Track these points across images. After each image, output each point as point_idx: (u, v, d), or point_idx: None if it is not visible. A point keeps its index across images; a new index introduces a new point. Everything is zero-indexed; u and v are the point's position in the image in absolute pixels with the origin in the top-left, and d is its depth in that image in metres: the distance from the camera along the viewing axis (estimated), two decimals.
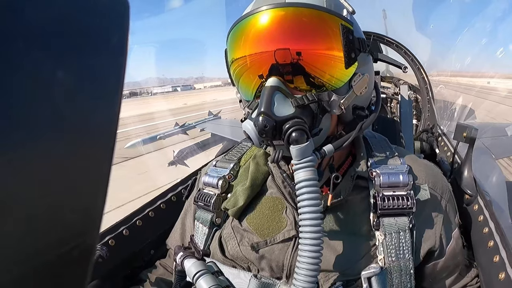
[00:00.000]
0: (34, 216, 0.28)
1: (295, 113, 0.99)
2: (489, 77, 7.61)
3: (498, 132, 4.78)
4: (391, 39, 3.71)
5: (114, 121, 0.33)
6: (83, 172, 0.31)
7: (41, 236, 0.29)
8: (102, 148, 0.33)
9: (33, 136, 0.27)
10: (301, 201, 0.94)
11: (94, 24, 0.31)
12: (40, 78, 0.27)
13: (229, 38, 1.12)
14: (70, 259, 0.32)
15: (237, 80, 1.15)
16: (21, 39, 0.26)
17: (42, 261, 0.30)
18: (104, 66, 0.32)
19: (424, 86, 3.60)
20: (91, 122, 0.31)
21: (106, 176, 0.33)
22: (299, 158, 0.95)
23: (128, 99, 66.62)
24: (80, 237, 0.32)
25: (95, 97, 0.31)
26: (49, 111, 0.28)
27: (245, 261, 1.17)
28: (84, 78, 0.30)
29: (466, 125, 1.57)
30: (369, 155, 1.22)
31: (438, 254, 1.15)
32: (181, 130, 9.52)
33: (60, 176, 0.30)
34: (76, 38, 0.30)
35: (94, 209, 0.33)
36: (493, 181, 2.20)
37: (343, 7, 1.11)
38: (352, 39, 1.05)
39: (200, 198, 1.33)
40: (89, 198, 0.33)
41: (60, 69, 0.28)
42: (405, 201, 1.07)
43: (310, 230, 0.93)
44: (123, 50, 0.33)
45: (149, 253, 1.64)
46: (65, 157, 0.30)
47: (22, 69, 0.26)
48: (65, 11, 0.29)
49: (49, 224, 0.30)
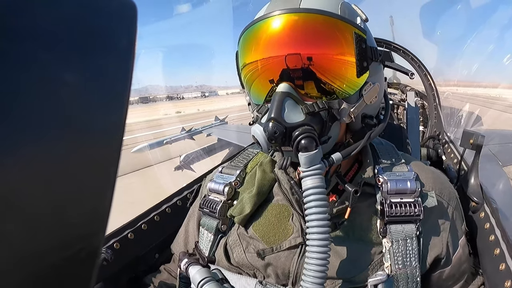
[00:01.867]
0: (39, 218, 0.28)
1: (305, 120, 0.99)
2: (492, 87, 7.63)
3: (505, 139, 4.75)
4: (398, 45, 3.70)
5: (121, 123, 0.33)
6: (90, 174, 0.31)
7: (47, 238, 0.29)
8: (108, 150, 0.33)
9: (40, 137, 0.27)
10: (309, 209, 0.94)
11: (102, 27, 0.31)
12: (48, 78, 0.27)
13: (241, 41, 1.12)
14: (76, 261, 0.32)
15: (248, 84, 1.15)
16: (30, 39, 0.26)
17: (47, 263, 0.30)
18: (112, 69, 0.32)
19: (431, 93, 3.59)
20: (98, 124, 0.31)
21: (112, 178, 0.33)
22: (308, 165, 0.95)
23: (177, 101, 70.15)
24: (86, 239, 0.32)
25: (102, 98, 0.31)
26: (56, 112, 0.28)
27: (251, 268, 1.16)
28: (92, 80, 0.30)
29: (473, 132, 1.57)
30: (376, 161, 1.21)
31: (444, 262, 1.14)
32: (187, 135, 9.51)
33: (66, 177, 0.30)
34: (84, 40, 0.30)
35: (100, 211, 0.33)
36: (499, 188, 2.18)
37: (357, 15, 1.10)
38: (365, 48, 1.04)
39: (206, 205, 1.32)
40: (95, 200, 0.32)
41: (68, 70, 0.28)
42: (413, 208, 1.06)
43: (318, 238, 0.92)
44: (131, 53, 0.33)
45: (153, 257, 1.64)
46: (71, 159, 0.30)
47: (30, 69, 0.26)
48: (74, 13, 0.29)
49: (55, 226, 0.30)
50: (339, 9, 1.05)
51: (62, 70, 0.28)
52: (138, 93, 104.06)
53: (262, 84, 1.09)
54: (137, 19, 0.33)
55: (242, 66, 1.13)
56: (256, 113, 1.12)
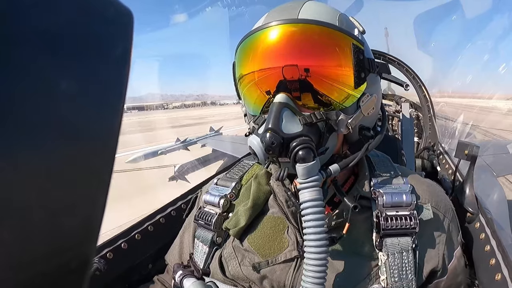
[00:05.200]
0: (31, 225, 0.28)
1: (302, 131, 0.98)
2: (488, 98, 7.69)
3: (499, 149, 4.79)
4: (393, 57, 3.75)
5: (116, 131, 0.33)
6: (83, 181, 0.31)
7: (38, 245, 0.29)
8: (102, 157, 0.33)
9: (34, 143, 0.27)
10: (306, 222, 0.93)
11: (98, 33, 0.31)
12: (43, 85, 0.27)
13: (238, 52, 1.12)
14: (67, 270, 0.31)
15: (244, 95, 1.14)
16: (26, 44, 0.26)
17: (38, 271, 0.29)
18: (108, 75, 0.32)
19: (426, 104, 3.62)
20: (93, 131, 0.31)
21: (106, 186, 0.33)
22: (305, 177, 0.94)
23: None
24: (78, 248, 0.32)
25: (97, 105, 0.31)
26: (50, 118, 0.28)
27: (246, 281, 1.15)
28: (87, 86, 0.30)
29: (467, 142, 1.58)
30: (372, 174, 1.21)
31: (440, 274, 1.13)
32: (182, 146, 9.51)
33: (59, 184, 0.29)
34: (81, 47, 0.30)
35: (93, 220, 0.32)
36: (494, 198, 2.19)
37: (354, 27, 1.11)
38: (363, 59, 1.04)
39: (201, 217, 1.31)
40: (88, 208, 0.32)
41: (63, 76, 0.28)
42: (408, 221, 1.06)
43: (315, 251, 0.92)
44: (127, 60, 0.33)
45: (147, 268, 1.63)
46: (64, 165, 0.29)
47: (24, 75, 0.26)
48: (70, 19, 0.29)
49: (47, 234, 0.29)
50: (337, 21, 1.06)
51: (57, 77, 0.28)
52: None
53: (259, 95, 1.08)
54: (134, 27, 0.33)
55: (239, 77, 1.13)
56: (253, 124, 1.11)
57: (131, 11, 0.33)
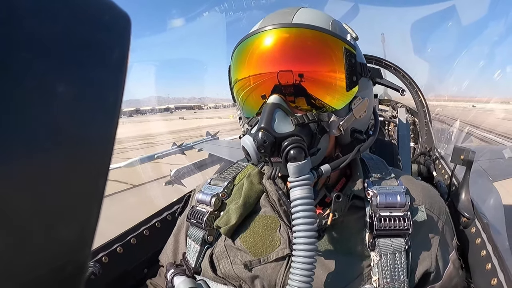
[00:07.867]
0: (26, 230, 0.28)
1: (294, 131, 1.00)
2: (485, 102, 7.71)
3: (495, 154, 4.79)
4: (389, 62, 3.76)
5: (111, 137, 0.33)
6: (78, 187, 0.31)
7: (33, 250, 0.29)
8: (98, 163, 0.32)
9: (29, 149, 0.27)
10: (296, 219, 0.94)
11: (95, 38, 0.31)
12: (40, 90, 0.27)
13: (234, 56, 1.14)
14: (62, 274, 0.31)
15: (240, 98, 1.16)
16: (24, 50, 0.26)
17: (33, 276, 0.29)
18: (104, 80, 0.32)
19: (422, 109, 3.63)
20: (88, 137, 0.31)
21: (100, 192, 0.33)
22: (296, 175, 0.96)
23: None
24: (73, 252, 0.32)
25: (93, 111, 0.31)
26: (47, 124, 0.28)
27: (237, 279, 1.16)
28: (83, 91, 0.30)
29: (463, 148, 1.58)
30: (366, 175, 1.22)
31: (434, 276, 1.13)
32: (178, 150, 9.46)
33: (54, 190, 0.29)
34: (78, 51, 0.30)
35: (88, 224, 0.32)
36: (490, 203, 2.19)
37: (347, 32, 1.13)
38: (355, 63, 1.07)
39: (193, 215, 1.32)
40: (83, 214, 0.32)
41: (60, 81, 0.28)
42: (402, 222, 1.07)
43: (304, 249, 0.93)
44: (124, 65, 0.33)
45: (142, 272, 1.62)
46: (60, 171, 0.29)
47: (21, 80, 0.26)
48: (67, 24, 0.29)
49: (42, 239, 0.29)
50: (330, 26, 1.08)
51: (53, 81, 0.28)
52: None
53: (254, 99, 1.10)
54: (131, 31, 0.33)
55: (235, 81, 1.14)
56: (247, 125, 1.13)
57: (129, 15, 0.33)
